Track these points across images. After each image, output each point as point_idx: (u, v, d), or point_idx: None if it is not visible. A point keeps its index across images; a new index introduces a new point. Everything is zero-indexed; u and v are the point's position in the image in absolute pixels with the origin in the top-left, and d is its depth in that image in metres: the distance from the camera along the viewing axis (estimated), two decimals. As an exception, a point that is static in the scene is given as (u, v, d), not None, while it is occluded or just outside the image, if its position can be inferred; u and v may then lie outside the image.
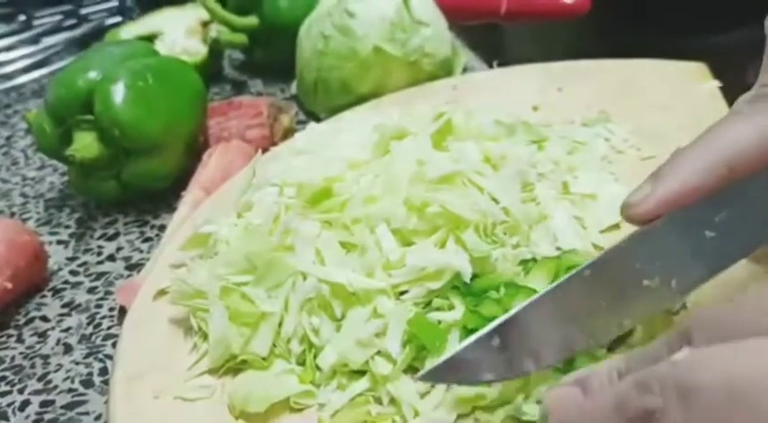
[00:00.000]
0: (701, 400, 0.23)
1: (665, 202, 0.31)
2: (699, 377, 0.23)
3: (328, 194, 0.45)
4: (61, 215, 0.63)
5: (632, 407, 0.25)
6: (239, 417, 0.38)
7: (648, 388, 0.24)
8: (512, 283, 0.40)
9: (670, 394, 0.24)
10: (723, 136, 0.32)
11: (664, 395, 0.24)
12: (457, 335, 0.38)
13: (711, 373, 0.23)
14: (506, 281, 0.40)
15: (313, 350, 0.40)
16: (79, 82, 0.58)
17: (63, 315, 0.52)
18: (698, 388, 0.23)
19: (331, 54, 0.69)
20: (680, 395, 0.23)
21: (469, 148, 0.47)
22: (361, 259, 0.41)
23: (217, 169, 0.61)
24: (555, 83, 0.66)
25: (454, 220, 0.42)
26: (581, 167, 0.51)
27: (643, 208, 0.31)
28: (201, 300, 0.43)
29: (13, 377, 0.47)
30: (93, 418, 0.43)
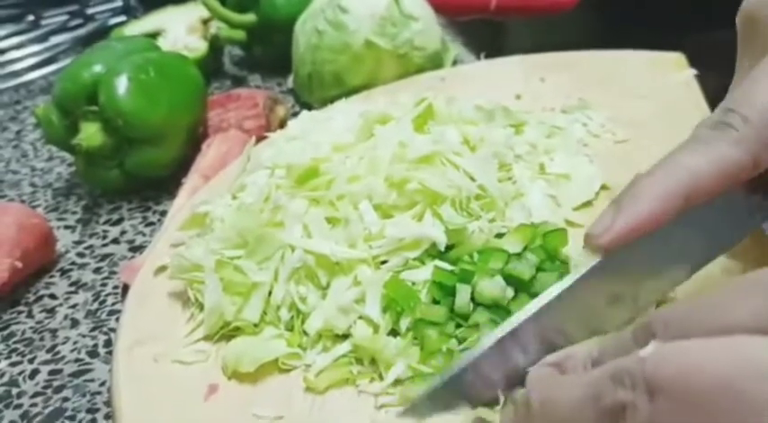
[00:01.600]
0: (665, 398, 0.24)
1: (624, 234, 0.31)
2: (663, 374, 0.24)
3: (315, 174, 0.48)
4: (68, 202, 0.66)
5: (607, 399, 0.26)
6: (232, 376, 0.41)
7: (622, 381, 0.25)
8: (485, 247, 0.43)
9: (639, 390, 0.24)
10: (682, 165, 0.32)
11: (634, 390, 0.25)
12: (427, 293, 0.41)
13: (674, 370, 0.24)
14: (479, 248, 0.43)
15: (300, 316, 0.43)
16: (85, 75, 0.61)
17: (70, 293, 0.55)
18: (662, 386, 0.24)
19: (324, 48, 0.72)
20: (648, 391, 0.24)
21: (449, 131, 0.50)
22: (344, 232, 0.44)
23: (215, 157, 0.64)
24: (538, 73, 0.69)
25: (431, 195, 0.45)
26: (557, 150, 0.54)
27: (604, 239, 0.31)
28: (198, 273, 0.46)
29: (24, 349, 0.50)
30: (97, 385, 0.46)
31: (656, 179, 0.32)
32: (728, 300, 0.26)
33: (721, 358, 0.23)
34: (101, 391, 0.46)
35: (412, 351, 0.40)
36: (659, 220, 0.31)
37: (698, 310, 0.26)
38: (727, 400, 0.23)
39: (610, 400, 0.25)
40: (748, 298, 0.25)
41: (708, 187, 0.32)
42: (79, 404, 0.45)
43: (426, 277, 0.42)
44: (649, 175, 0.32)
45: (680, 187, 0.31)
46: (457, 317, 0.41)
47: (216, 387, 0.41)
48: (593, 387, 0.26)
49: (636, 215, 0.31)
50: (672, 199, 0.31)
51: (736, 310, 0.25)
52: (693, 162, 0.32)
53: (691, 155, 0.32)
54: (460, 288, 0.41)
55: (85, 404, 0.45)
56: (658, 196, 0.31)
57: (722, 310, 0.25)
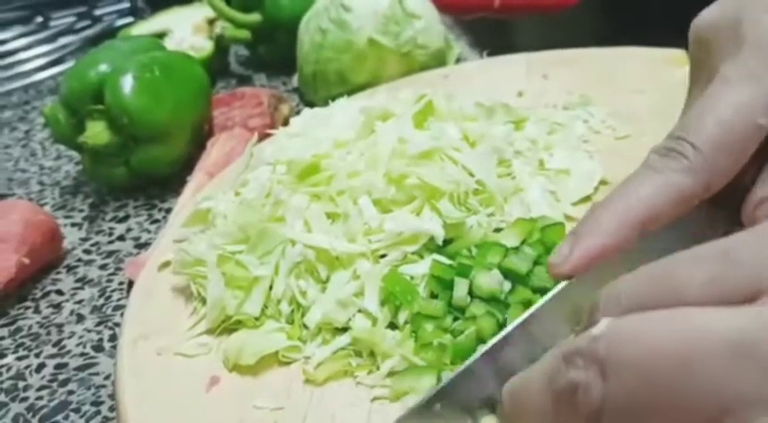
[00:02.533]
0: (618, 377, 0.23)
1: (583, 263, 0.32)
2: (615, 352, 0.23)
3: (316, 170, 0.48)
4: (75, 200, 0.67)
5: (560, 380, 0.25)
6: (233, 369, 0.42)
7: (573, 362, 0.24)
8: (483, 241, 0.43)
9: (592, 369, 0.24)
10: (636, 194, 0.33)
11: (587, 370, 0.24)
12: (425, 287, 0.42)
13: (626, 348, 0.23)
14: (477, 242, 0.43)
15: (301, 310, 0.44)
16: (91, 75, 0.62)
17: (76, 289, 0.56)
18: (614, 364, 0.23)
19: (328, 47, 0.72)
20: (600, 371, 0.23)
21: (449, 128, 0.51)
22: (344, 227, 0.45)
23: (220, 155, 0.65)
24: (540, 70, 0.69)
25: (430, 190, 0.45)
26: (557, 146, 0.54)
27: (564, 268, 0.33)
28: (200, 268, 0.46)
29: (31, 343, 0.51)
30: (102, 378, 0.47)
31: (611, 210, 0.33)
32: (679, 268, 0.25)
33: (674, 333, 0.23)
34: (105, 385, 0.47)
35: (408, 344, 0.40)
36: (614, 248, 0.32)
37: (648, 281, 0.26)
38: (682, 378, 0.22)
39: (563, 382, 0.25)
40: (699, 265, 0.25)
41: (662, 214, 0.33)
42: (84, 397, 0.46)
43: (424, 271, 0.42)
44: (605, 206, 0.33)
45: (635, 217, 0.32)
46: (454, 310, 0.41)
47: (217, 379, 0.41)
48: (547, 371, 0.26)
49: (592, 245, 0.32)
50: (628, 228, 0.32)
51: (688, 277, 0.24)
52: (646, 192, 0.33)
53: (644, 184, 0.33)
54: (458, 281, 0.41)
55: (90, 397, 0.46)
56: (614, 226, 0.32)
57: (673, 278, 0.25)
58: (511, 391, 0.29)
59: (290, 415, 0.39)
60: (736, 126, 0.32)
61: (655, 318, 0.23)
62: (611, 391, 0.23)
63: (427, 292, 0.42)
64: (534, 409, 0.26)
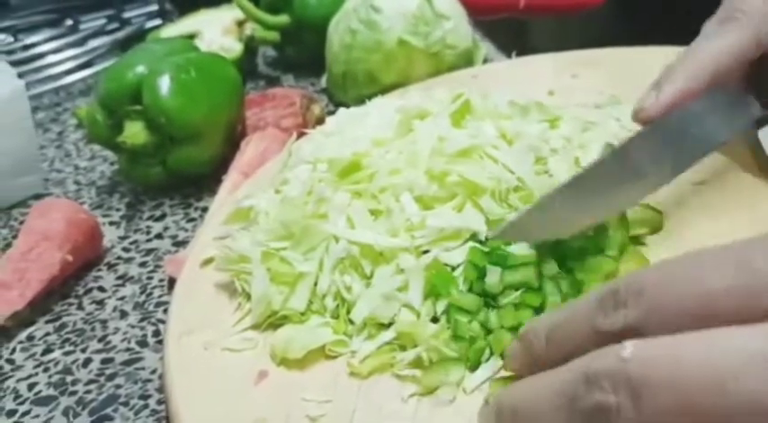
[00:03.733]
0: (652, 402, 0.23)
1: (666, 105, 0.41)
2: (649, 376, 0.24)
3: (357, 168, 0.49)
4: (112, 200, 0.68)
5: (586, 401, 0.25)
6: (280, 363, 0.43)
7: (599, 384, 0.25)
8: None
9: (623, 393, 0.24)
10: (703, 52, 0.42)
11: (617, 393, 0.24)
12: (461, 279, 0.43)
13: (657, 372, 0.24)
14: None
15: (345, 305, 0.44)
16: (128, 76, 0.63)
17: (118, 286, 0.57)
18: (649, 388, 0.23)
19: (358, 47, 0.73)
20: (633, 394, 0.24)
21: (486, 126, 0.51)
22: (386, 223, 0.45)
23: (254, 155, 0.66)
24: (570, 70, 0.70)
25: (471, 187, 0.46)
26: (592, 144, 0.55)
27: (650, 111, 0.41)
28: (244, 264, 0.47)
29: (76, 339, 0.52)
30: (148, 372, 0.48)
31: (685, 65, 0.43)
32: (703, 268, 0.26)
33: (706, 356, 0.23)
34: (152, 379, 0.48)
35: (443, 335, 0.41)
36: (692, 93, 0.41)
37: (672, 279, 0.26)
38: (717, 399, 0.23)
39: (589, 403, 0.25)
40: (720, 267, 0.25)
41: (726, 66, 0.42)
42: (132, 391, 0.47)
43: (463, 260, 0.43)
44: (679, 63, 0.43)
45: (706, 68, 0.42)
46: (487, 297, 0.42)
47: (266, 373, 0.42)
48: (566, 391, 0.26)
49: (674, 90, 0.42)
50: (701, 77, 0.42)
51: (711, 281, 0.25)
52: (712, 47, 0.43)
53: (709, 43, 0.43)
54: (490, 269, 0.42)
55: (138, 391, 0.47)
56: (690, 76, 0.42)
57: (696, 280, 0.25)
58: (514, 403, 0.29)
59: (339, 408, 0.39)
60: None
61: (685, 341, 0.24)
62: (644, 413, 0.24)
63: (466, 282, 0.43)
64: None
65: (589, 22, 1.00)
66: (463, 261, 0.44)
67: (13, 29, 1.01)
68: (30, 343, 0.52)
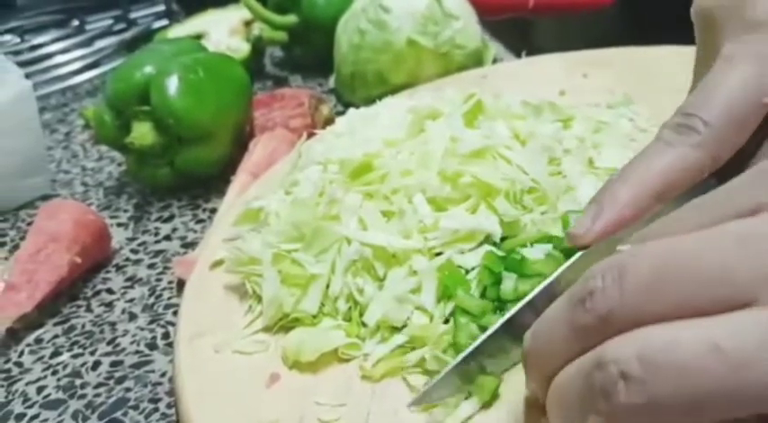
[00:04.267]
0: (632, 277, 0.26)
1: (602, 234, 0.35)
2: (633, 258, 0.27)
3: (369, 169, 0.49)
4: (120, 201, 0.68)
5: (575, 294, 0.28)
6: (292, 366, 0.42)
7: (590, 276, 0.28)
8: (541, 235, 0.43)
9: (608, 276, 0.27)
10: (652, 167, 0.35)
11: (604, 278, 0.27)
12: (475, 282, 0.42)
13: (644, 255, 0.26)
14: (534, 238, 0.43)
15: (358, 308, 0.44)
16: (136, 76, 0.63)
17: (126, 288, 0.56)
18: (630, 266, 0.26)
19: (367, 47, 0.73)
20: (619, 275, 0.26)
21: (499, 126, 0.51)
22: (399, 224, 0.45)
23: (263, 156, 0.65)
24: (580, 70, 0.69)
25: (485, 188, 0.45)
26: (605, 144, 0.54)
27: (585, 239, 0.36)
28: (255, 266, 0.47)
29: (85, 341, 0.51)
30: (158, 375, 0.48)
31: (628, 182, 0.36)
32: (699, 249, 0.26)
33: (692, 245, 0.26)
34: (162, 382, 0.47)
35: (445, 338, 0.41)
36: (632, 219, 0.35)
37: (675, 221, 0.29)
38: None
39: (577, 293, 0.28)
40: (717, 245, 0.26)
41: (674, 187, 0.35)
42: (141, 394, 0.46)
43: (477, 263, 0.43)
44: (623, 179, 0.36)
45: (651, 189, 0.35)
46: (500, 303, 0.41)
47: (277, 376, 0.42)
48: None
49: (611, 217, 0.35)
50: (644, 200, 0.35)
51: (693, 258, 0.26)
52: (662, 164, 0.35)
53: (659, 158, 0.36)
54: (506, 275, 0.42)
55: (148, 394, 0.46)
56: (632, 198, 0.35)
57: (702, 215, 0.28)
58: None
59: (353, 412, 0.39)
60: (742, 103, 0.35)
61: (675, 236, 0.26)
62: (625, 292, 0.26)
63: (480, 286, 0.42)
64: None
65: (596, 21, 0.99)
66: (478, 264, 0.43)
67: (20, 29, 1.01)
68: (38, 346, 0.52)
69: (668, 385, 0.24)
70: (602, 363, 0.26)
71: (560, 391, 0.29)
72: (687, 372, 0.24)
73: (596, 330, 0.27)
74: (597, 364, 0.26)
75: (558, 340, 0.29)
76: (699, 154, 0.35)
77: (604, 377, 0.25)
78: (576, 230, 0.36)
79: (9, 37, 0.98)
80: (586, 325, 0.27)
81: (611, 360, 0.25)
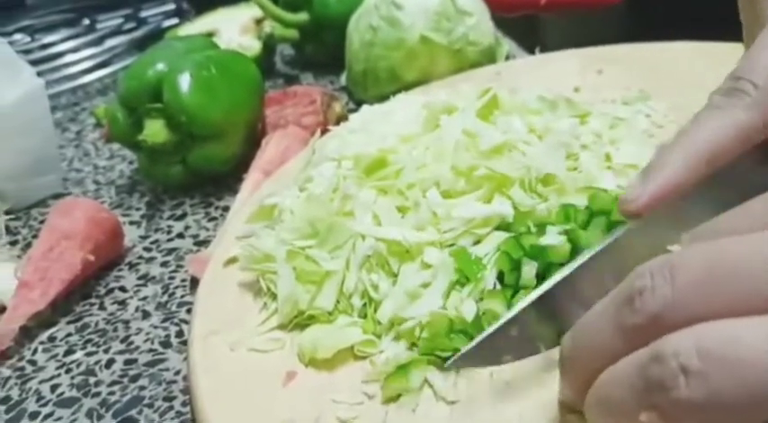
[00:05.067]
0: (684, 276, 0.26)
1: (655, 199, 0.34)
2: (684, 257, 0.26)
3: (383, 164, 0.48)
4: (132, 199, 0.67)
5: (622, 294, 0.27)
6: (309, 364, 0.42)
7: (638, 275, 0.27)
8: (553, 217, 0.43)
9: (658, 275, 0.26)
10: (702, 132, 0.34)
11: (653, 277, 0.26)
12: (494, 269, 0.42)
13: (696, 254, 0.26)
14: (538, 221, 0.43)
15: (373, 304, 0.43)
16: (149, 73, 0.63)
17: (139, 286, 0.56)
18: (682, 265, 0.26)
19: (379, 44, 0.72)
20: (670, 273, 0.26)
21: (515, 121, 0.50)
22: (413, 219, 0.44)
23: (275, 153, 0.65)
24: (595, 66, 0.69)
25: (500, 179, 0.45)
26: (622, 140, 0.54)
27: (636, 205, 0.34)
28: (269, 263, 0.46)
29: (99, 339, 0.51)
30: (172, 373, 0.47)
31: (679, 148, 0.34)
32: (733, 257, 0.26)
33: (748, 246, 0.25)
34: (176, 380, 0.47)
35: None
36: (684, 184, 0.34)
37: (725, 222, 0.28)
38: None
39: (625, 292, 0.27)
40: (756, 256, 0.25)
41: (726, 151, 0.34)
42: (156, 392, 0.46)
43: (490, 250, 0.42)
44: (674, 145, 0.35)
45: (701, 153, 0.34)
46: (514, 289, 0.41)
47: (294, 374, 0.41)
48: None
49: (663, 181, 0.34)
50: (694, 164, 0.34)
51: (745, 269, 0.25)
52: (711, 128, 0.34)
53: (708, 122, 0.34)
54: (526, 262, 0.41)
55: (162, 393, 0.46)
56: (682, 162, 0.34)
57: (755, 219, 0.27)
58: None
59: (371, 409, 0.38)
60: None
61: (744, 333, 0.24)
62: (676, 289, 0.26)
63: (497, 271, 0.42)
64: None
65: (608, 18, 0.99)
66: (491, 251, 0.43)
67: (31, 29, 1.01)
68: (51, 344, 0.51)
69: (729, 381, 0.23)
70: (660, 356, 0.25)
71: (606, 390, 0.28)
72: (748, 367, 0.23)
73: (646, 330, 0.26)
74: (655, 357, 0.25)
75: (603, 341, 0.28)
76: (750, 115, 0.34)
77: (663, 371, 0.25)
78: (628, 196, 0.34)
79: (20, 36, 0.98)
80: (635, 325, 0.27)
81: (672, 353, 0.25)
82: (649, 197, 0.34)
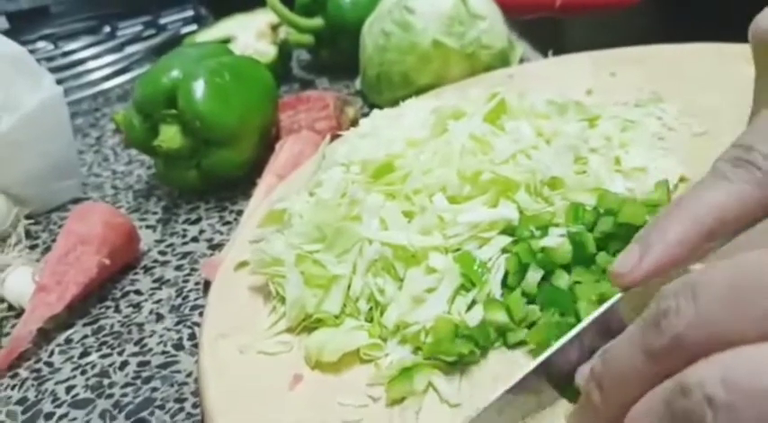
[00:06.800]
0: (707, 295, 0.25)
1: (650, 273, 0.32)
2: (707, 275, 0.25)
3: (390, 169, 0.49)
4: (149, 203, 0.69)
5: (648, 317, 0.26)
6: (315, 367, 0.42)
7: (663, 297, 0.26)
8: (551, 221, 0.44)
9: (681, 295, 0.25)
10: (706, 205, 0.32)
11: (677, 297, 0.25)
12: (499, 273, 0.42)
13: (719, 271, 0.25)
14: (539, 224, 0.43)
15: (379, 308, 0.44)
16: (163, 80, 0.64)
17: (154, 289, 0.57)
18: (705, 283, 0.25)
19: (392, 49, 0.73)
20: (692, 293, 0.25)
21: (523, 126, 0.50)
22: (420, 223, 0.45)
23: (288, 158, 0.66)
24: (607, 68, 0.69)
25: (505, 183, 0.45)
26: (633, 143, 0.54)
27: (630, 278, 0.33)
28: (278, 267, 0.47)
29: (113, 342, 0.52)
30: (184, 376, 0.48)
31: (679, 218, 0.32)
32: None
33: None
34: (187, 382, 0.48)
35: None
36: (684, 258, 0.32)
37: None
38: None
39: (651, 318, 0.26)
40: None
41: (728, 226, 0.32)
42: (167, 394, 0.47)
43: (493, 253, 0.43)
44: (674, 214, 0.33)
45: (704, 226, 0.32)
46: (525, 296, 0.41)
47: (300, 377, 0.42)
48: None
49: (662, 255, 0.32)
50: (695, 238, 0.32)
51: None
52: (717, 201, 0.32)
53: (714, 193, 0.32)
54: (532, 268, 0.42)
55: (174, 394, 0.47)
56: (683, 236, 0.32)
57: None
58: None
59: (376, 413, 0.39)
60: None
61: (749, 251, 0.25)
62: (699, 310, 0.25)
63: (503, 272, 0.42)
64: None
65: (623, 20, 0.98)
66: (494, 255, 0.43)
67: (54, 36, 1.03)
68: (68, 346, 0.53)
69: (757, 413, 0.23)
70: (685, 388, 0.24)
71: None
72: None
73: (672, 353, 0.26)
74: (681, 390, 0.25)
75: (631, 367, 0.27)
76: (758, 192, 0.32)
77: (689, 404, 0.24)
78: (621, 268, 0.33)
79: (43, 44, 1.00)
80: (661, 347, 0.26)
81: (696, 384, 0.24)
82: (645, 271, 0.32)
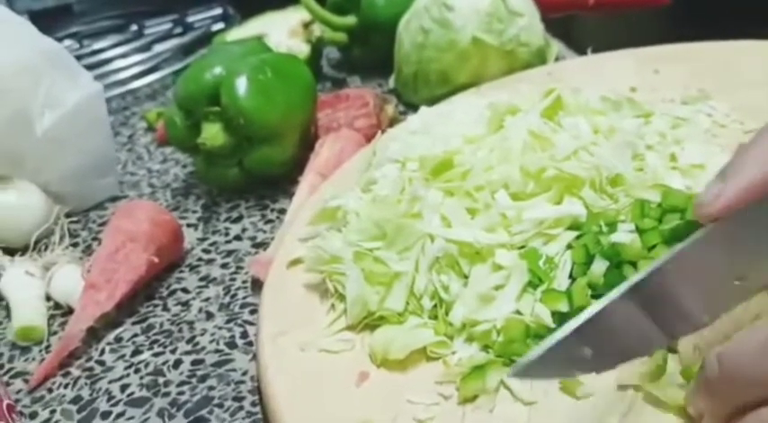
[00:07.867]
0: None
1: (733, 201, 0.32)
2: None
3: (449, 166, 0.48)
4: (188, 202, 0.68)
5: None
6: (381, 365, 0.42)
7: None
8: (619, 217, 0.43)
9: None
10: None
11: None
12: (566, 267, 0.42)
13: None
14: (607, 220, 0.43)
15: (444, 305, 0.43)
16: (206, 77, 0.63)
17: (201, 287, 0.56)
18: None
19: (430, 46, 0.72)
20: None
21: (581, 123, 0.50)
22: (484, 220, 0.44)
23: (330, 156, 0.65)
24: (650, 65, 0.68)
25: (569, 180, 0.44)
26: (687, 140, 0.53)
27: (714, 207, 0.32)
28: (337, 264, 0.47)
29: (165, 340, 0.52)
30: (240, 374, 0.48)
31: (759, 149, 0.32)
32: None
33: None
34: (244, 381, 0.47)
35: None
36: (764, 188, 0.32)
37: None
38: None
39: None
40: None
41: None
42: (225, 393, 0.46)
43: (557, 250, 0.42)
44: (753, 146, 0.33)
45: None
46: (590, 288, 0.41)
47: (366, 374, 0.41)
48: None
49: (743, 182, 0.32)
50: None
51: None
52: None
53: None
54: (598, 259, 0.41)
55: (231, 393, 0.46)
56: (763, 165, 0.32)
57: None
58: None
59: (448, 410, 0.38)
60: None
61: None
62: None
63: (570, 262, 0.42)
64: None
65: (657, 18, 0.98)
66: (561, 250, 0.43)
67: (79, 35, 1.02)
68: (118, 344, 0.52)
69: None
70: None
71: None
72: None
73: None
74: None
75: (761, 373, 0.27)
76: None
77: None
78: (704, 198, 0.32)
79: (69, 42, 1.00)
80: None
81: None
82: (728, 200, 0.32)
